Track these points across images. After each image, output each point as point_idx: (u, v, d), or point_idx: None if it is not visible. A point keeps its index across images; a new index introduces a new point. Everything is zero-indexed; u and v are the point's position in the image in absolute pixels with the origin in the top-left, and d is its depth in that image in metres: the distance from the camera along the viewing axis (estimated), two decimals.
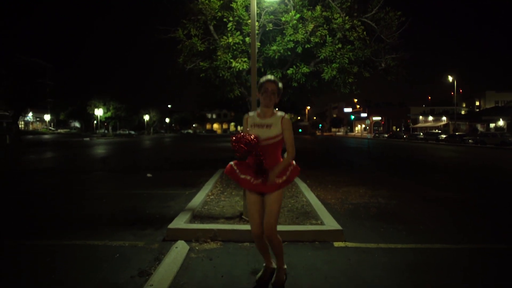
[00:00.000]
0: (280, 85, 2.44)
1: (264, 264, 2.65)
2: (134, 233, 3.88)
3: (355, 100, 78.58)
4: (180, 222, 3.85)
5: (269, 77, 2.45)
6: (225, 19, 5.90)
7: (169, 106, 79.98)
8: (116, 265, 2.97)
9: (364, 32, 5.85)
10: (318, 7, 5.77)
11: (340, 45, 5.88)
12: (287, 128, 2.38)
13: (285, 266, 2.62)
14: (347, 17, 5.85)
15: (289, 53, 5.99)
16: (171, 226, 3.71)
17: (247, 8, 5.73)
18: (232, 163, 2.54)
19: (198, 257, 3.14)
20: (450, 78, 40.08)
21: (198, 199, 5.16)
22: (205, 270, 2.85)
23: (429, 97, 73.42)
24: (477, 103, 62.78)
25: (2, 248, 3.42)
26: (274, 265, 2.63)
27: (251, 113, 2.53)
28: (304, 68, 6.06)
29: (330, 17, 5.84)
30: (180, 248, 3.20)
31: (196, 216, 4.34)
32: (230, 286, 2.60)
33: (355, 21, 5.89)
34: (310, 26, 5.70)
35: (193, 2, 6.14)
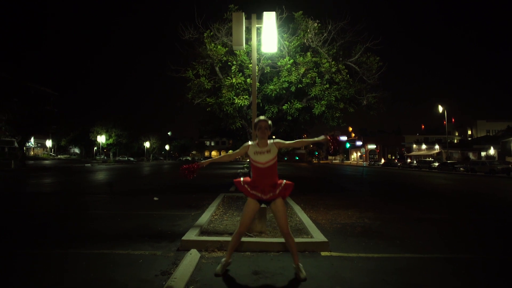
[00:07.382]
0: (270, 122, 3.35)
1: (223, 260, 3.44)
2: (152, 245, 4.55)
3: (350, 128, 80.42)
4: (191, 235, 4.53)
5: (261, 117, 3.37)
6: (229, 63, 6.92)
7: (169, 133, 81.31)
8: (141, 267, 3.64)
9: (348, 75, 6.87)
10: (308, 54, 6.82)
11: (327, 85, 6.87)
12: (281, 141, 3.33)
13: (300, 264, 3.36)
14: (333, 62, 6.89)
15: (284, 91, 6.95)
16: (184, 238, 4.39)
17: (248, 54, 6.76)
18: (241, 179, 3.38)
19: (208, 262, 3.82)
20: (441, 109, 41.78)
21: (203, 219, 5.83)
22: (215, 271, 3.52)
23: (423, 126, 75.38)
24: (469, 132, 64.58)
25: (52, 255, 4.09)
26: (230, 260, 3.45)
27: (251, 143, 3.41)
28: (297, 104, 7.00)
29: (319, 62, 6.87)
30: (194, 255, 3.88)
31: (204, 232, 5.01)
32: (236, 281, 3.27)
33: (340, 65, 6.92)
34: (302, 70, 6.71)
35: (201, 47, 7.20)
